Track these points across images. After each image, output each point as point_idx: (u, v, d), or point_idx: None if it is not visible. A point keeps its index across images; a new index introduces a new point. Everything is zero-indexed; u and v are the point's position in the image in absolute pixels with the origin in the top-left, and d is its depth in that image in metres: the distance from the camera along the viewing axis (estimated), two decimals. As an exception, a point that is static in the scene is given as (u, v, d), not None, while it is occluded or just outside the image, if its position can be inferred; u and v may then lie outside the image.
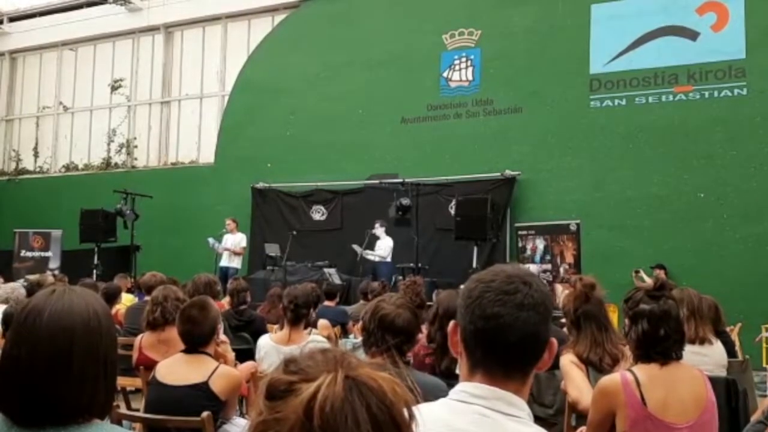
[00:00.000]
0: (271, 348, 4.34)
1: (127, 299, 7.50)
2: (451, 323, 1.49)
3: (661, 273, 9.61)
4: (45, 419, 1.40)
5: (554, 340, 1.44)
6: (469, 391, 1.40)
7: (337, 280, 10.29)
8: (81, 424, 1.42)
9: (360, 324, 3.24)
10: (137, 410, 3.90)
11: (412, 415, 0.89)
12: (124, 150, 16.36)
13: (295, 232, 12.01)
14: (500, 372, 1.39)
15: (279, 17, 14.68)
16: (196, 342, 3.37)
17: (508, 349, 1.39)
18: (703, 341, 3.96)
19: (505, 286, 1.41)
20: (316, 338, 4.53)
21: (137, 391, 4.97)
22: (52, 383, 1.40)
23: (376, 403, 0.85)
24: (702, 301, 4.10)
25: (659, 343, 2.54)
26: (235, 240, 12.37)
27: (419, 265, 10.84)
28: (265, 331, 5.84)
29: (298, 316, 4.40)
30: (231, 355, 4.25)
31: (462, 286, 1.52)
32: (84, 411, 1.43)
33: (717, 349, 4.08)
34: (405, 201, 11.07)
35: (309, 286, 5.54)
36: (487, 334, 1.39)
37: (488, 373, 1.40)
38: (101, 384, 1.46)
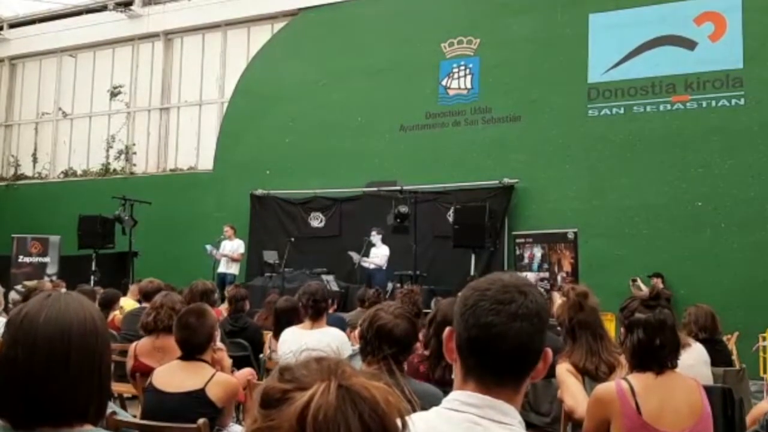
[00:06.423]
0: (293, 335, 4.50)
1: (128, 304, 7.47)
2: (447, 329, 1.49)
3: (658, 282, 9.61)
4: (42, 422, 1.41)
5: (549, 350, 1.44)
6: (461, 399, 1.40)
7: (334, 287, 10.29)
8: (74, 428, 1.43)
9: (357, 331, 3.25)
10: (134, 417, 3.90)
11: (405, 425, 0.90)
12: (122, 156, 16.37)
13: (293, 239, 12.00)
14: (493, 380, 1.40)
15: (278, 25, 14.72)
16: (192, 349, 3.38)
17: (500, 358, 1.39)
18: (683, 347, 4.02)
19: (500, 295, 1.41)
20: (330, 331, 4.60)
21: (134, 398, 4.97)
22: (49, 385, 1.41)
23: (368, 412, 0.86)
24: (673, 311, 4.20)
25: (654, 352, 2.56)
26: (233, 246, 12.37)
27: (417, 272, 10.84)
28: (259, 340, 5.86)
29: (319, 310, 4.59)
30: (228, 362, 4.25)
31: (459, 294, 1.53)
32: (79, 414, 1.44)
33: (697, 348, 4.17)
34: (403, 208, 11.07)
35: (319, 283, 5.67)
36: (480, 343, 1.40)
37: (481, 381, 1.40)
38: (96, 387, 1.47)
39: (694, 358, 4.02)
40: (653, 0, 11.32)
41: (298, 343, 4.23)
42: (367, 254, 11.50)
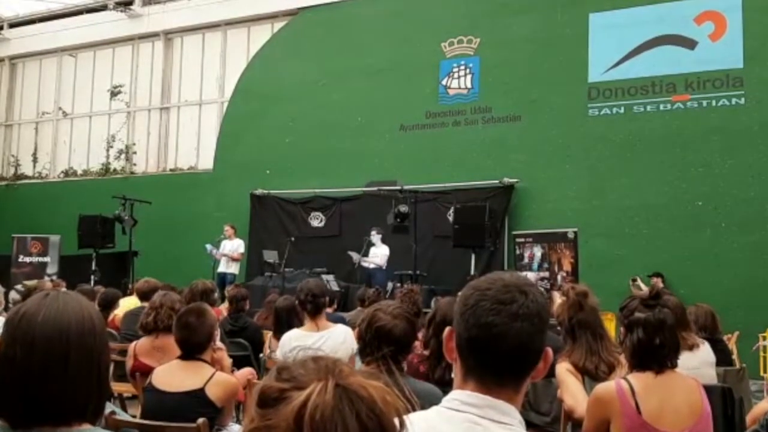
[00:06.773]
0: (298, 339, 4.41)
1: (130, 303, 7.44)
2: (447, 329, 1.49)
3: (658, 281, 9.60)
4: (40, 421, 1.41)
5: (549, 350, 1.43)
6: (461, 399, 1.40)
7: (335, 286, 10.29)
8: (72, 427, 1.43)
9: (357, 331, 3.24)
10: (134, 416, 3.90)
11: (402, 424, 0.90)
12: (123, 156, 16.37)
13: (293, 239, 12.00)
14: (493, 380, 1.39)
15: (278, 24, 14.71)
16: (192, 349, 3.38)
17: (500, 358, 1.39)
18: (691, 347, 3.99)
19: (501, 295, 1.40)
20: (338, 329, 4.54)
21: (134, 397, 4.97)
22: (48, 385, 1.41)
23: (365, 411, 0.85)
24: (683, 310, 4.13)
25: (654, 351, 2.55)
26: (233, 246, 12.38)
27: (417, 272, 10.83)
28: (259, 339, 5.86)
29: (318, 306, 4.51)
30: (227, 362, 4.25)
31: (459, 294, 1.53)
32: (78, 414, 1.44)
33: (704, 348, 4.15)
34: (403, 208, 11.06)
35: (317, 280, 5.60)
36: (480, 343, 1.39)
37: (481, 381, 1.40)
38: (94, 386, 1.47)
39: (698, 360, 3.99)
40: (653, -1, 11.34)
41: (297, 343, 4.18)
42: (366, 254, 11.50)
